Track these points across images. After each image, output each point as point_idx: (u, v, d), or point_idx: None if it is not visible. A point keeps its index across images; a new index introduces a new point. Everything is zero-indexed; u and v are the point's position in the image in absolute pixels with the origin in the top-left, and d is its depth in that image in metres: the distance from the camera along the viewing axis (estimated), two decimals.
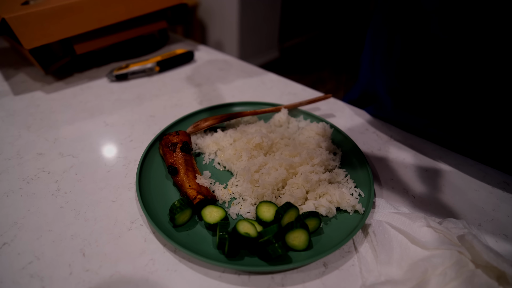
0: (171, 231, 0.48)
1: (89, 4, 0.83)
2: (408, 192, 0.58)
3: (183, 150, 0.59)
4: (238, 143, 0.61)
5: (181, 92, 0.86)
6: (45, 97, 0.83)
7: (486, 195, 0.58)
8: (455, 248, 0.44)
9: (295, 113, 0.73)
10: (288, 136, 0.64)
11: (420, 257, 0.45)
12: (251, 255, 0.46)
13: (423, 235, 0.47)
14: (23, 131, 0.70)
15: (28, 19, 0.76)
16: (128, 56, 1.02)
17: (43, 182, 0.58)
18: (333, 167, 0.60)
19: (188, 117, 0.70)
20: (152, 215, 0.49)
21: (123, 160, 0.63)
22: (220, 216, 0.49)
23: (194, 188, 0.53)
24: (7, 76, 0.92)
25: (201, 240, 0.48)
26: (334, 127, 0.67)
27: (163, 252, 0.47)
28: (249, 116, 0.70)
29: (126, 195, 0.56)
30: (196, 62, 1.01)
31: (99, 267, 0.45)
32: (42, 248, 0.47)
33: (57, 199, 0.55)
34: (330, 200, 0.52)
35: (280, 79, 0.92)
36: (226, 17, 2.96)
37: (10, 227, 0.50)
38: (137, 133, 0.70)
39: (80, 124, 0.73)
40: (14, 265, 0.45)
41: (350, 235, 0.47)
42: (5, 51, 1.07)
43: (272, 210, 0.50)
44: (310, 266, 0.46)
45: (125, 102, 0.81)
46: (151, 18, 0.96)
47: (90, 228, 0.50)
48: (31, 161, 0.62)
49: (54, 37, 0.81)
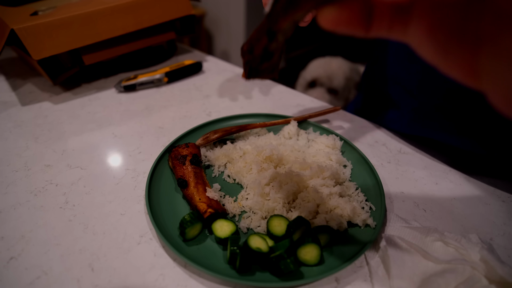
0: (181, 245, 0.48)
1: (98, 15, 0.83)
2: (419, 206, 0.57)
3: (193, 162, 0.59)
4: (248, 156, 0.61)
5: (190, 103, 0.86)
6: (53, 107, 0.83)
7: (497, 209, 0.57)
8: (468, 263, 0.44)
9: (304, 125, 0.72)
10: (298, 149, 0.64)
11: (432, 272, 0.44)
12: (263, 270, 0.45)
13: (435, 249, 0.46)
14: (30, 142, 0.70)
15: (37, 30, 0.76)
16: (137, 66, 1.02)
17: (51, 195, 0.58)
18: (343, 180, 0.59)
19: (197, 129, 0.70)
20: (162, 229, 0.48)
21: (132, 172, 0.63)
22: (230, 230, 0.49)
23: (204, 202, 0.52)
24: (15, 86, 0.92)
25: (212, 255, 0.47)
26: (343, 139, 0.67)
27: (173, 267, 0.46)
28: (259, 128, 0.70)
29: (135, 208, 0.55)
30: (204, 73, 1.01)
31: (108, 282, 0.44)
32: (50, 262, 0.47)
33: (65, 212, 0.54)
34: (341, 214, 0.51)
35: (288, 91, 0.92)
36: (233, 27, 2.98)
37: (18, 241, 0.49)
38: (146, 145, 0.70)
39: (88, 135, 0.73)
40: (22, 280, 0.44)
41: (362, 250, 0.46)
42: (13, 61, 1.08)
43: (283, 224, 0.49)
44: (322, 282, 0.45)
45: (134, 113, 0.81)
46: (160, 29, 0.96)
47: (99, 242, 0.50)
48: (39, 173, 0.62)
49: (62, 48, 0.81)
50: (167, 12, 0.94)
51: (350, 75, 1.76)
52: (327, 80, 1.76)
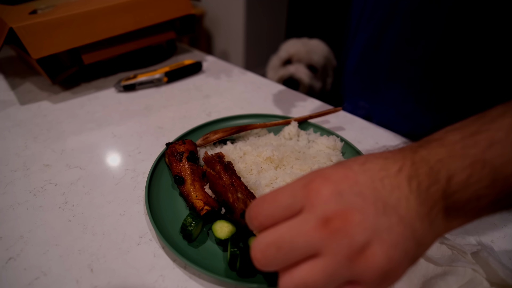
0: (181, 246, 0.47)
1: (97, 14, 0.83)
2: None
3: (190, 159, 0.58)
4: (248, 157, 0.60)
5: (190, 103, 0.85)
6: (52, 107, 0.82)
7: None
8: (469, 265, 0.43)
9: (305, 126, 0.72)
10: (299, 150, 0.63)
11: (433, 274, 0.44)
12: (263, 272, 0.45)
13: (436, 251, 0.46)
14: (29, 142, 0.70)
15: (36, 28, 0.76)
16: (136, 66, 1.02)
17: (50, 195, 0.57)
18: None
19: (197, 129, 0.70)
20: (162, 230, 0.48)
21: (131, 172, 0.62)
22: (230, 231, 0.48)
23: (201, 199, 0.52)
24: (14, 85, 0.92)
25: (212, 256, 0.47)
26: (344, 140, 0.67)
27: (173, 268, 0.46)
28: (259, 128, 0.69)
29: (134, 208, 0.55)
30: (204, 73, 1.01)
31: (108, 283, 0.44)
32: (49, 263, 0.46)
33: (64, 212, 0.54)
34: None
35: (289, 91, 0.92)
36: (232, 26, 2.98)
37: (16, 241, 0.49)
38: (145, 145, 0.70)
39: (87, 135, 0.72)
40: (21, 281, 0.44)
41: None
42: (12, 60, 1.07)
43: None
44: None
45: (133, 113, 0.81)
46: (160, 28, 0.96)
47: (98, 243, 0.49)
48: (38, 173, 0.62)
49: (62, 47, 0.81)
50: (167, 11, 0.94)
51: (328, 56, 1.59)
52: (305, 55, 1.55)
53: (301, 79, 1.46)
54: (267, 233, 0.31)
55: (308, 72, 1.50)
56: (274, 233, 0.30)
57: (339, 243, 0.28)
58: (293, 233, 0.29)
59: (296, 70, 1.48)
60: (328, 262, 0.28)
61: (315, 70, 1.52)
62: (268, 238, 0.30)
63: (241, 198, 0.49)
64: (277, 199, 0.31)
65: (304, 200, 0.30)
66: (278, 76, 1.53)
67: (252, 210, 0.32)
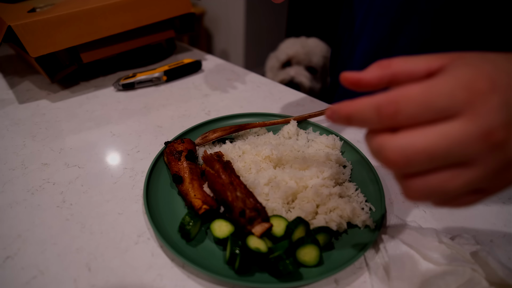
0: (179, 245, 0.47)
1: (96, 12, 0.82)
2: (419, 206, 0.57)
3: (188, 158, 0.58)
4: (247, 155, 0.60)
5: (189, 102, 0.85)
6: (51, 106, 0.82)
7: (497, 210, 0.57)
8: (468, 265, 0.43)
9: (304, 125, 0.72)
10: (298, 149, 0.63)
11: (432, 274, 0.44)
12: (261, 271, 0.45)
13: (435, 251, 0.46)
14: (28, 141, 0.70)
15: (34, 27, 0.75)
16: (135, 65, 1.01)
17: (48, 194, 0.57)
18: (343, 180, 0.59)
19: (196, 128, 0.70)
20: (160, 229, 0.48)
21: (130, 171, 0.62)
22: (229, 231, 0.48)
23: (199, 198, 0.52)
24: (12, 84, 0.91)
25: (210, 255, 0.47)
26: (343, 139, 0.67)
27: (171, 267, 0.46)
28: (258, 127, 0.69)
29: (133, 207, 0.55)
30: (203, 72, 1.00)
31: (105, 283, 0.44)
32: (47, 262, 0.46)
33: (62, 211, 0.54)
34: (341, 214, 0.51)
35: (288, 90, 0.92)
36: (232, 26, 2.98)
37: (14, 240, 0.49)
38: (144, 144, 0.70)
39: (86, 134, 0.72)
40: (18, 279, 0.44)
41: (362, 251, 0.46)
42: (10, 59, 1.07)
43: (283, 225, 0.48)
44: (321, 283, 0.45)
45: (132, 112, 0.80)
46: (159, 27, 0.96)
47: (96, 242, 0.49)
48: (36, 172, 0.62)
49: (60, 46, 0.80)
50: (166, 10, 0.94)
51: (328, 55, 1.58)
52: (305, 57, 1.56)
53: (302, 82, 1.47)
54: (412, 136, 0.27)
55: (308, 74, 1.50)
56: (424, 138, 0.27)
57: (496, 157, 0.26)
58: (450, 142, 0.26)
59: (296, 74, 1.48)
60: (476, 173, 0.27)
61: (314, 71, 1.52)
62: (417, 144, 0.27)
63: (240, 197, 0.49)
64: (431, 100, 0.27)
65: (464, 105, 0.26)
66: (278, 79, 1.53)
67: (389, 105, 0.28)
